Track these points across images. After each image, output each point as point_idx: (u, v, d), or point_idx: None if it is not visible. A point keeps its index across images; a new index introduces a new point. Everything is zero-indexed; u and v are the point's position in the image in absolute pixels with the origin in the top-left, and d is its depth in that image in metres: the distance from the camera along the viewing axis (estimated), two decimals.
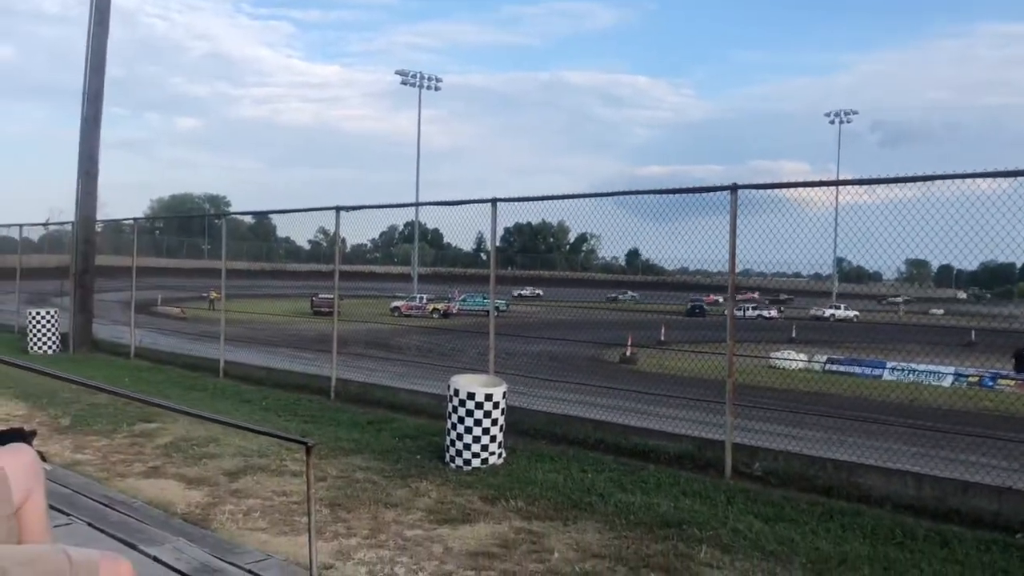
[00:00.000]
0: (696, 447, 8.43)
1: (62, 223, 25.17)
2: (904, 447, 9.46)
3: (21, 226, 23.66)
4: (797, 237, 8.52)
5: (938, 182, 7.02)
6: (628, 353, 22.52)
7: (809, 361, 23.32)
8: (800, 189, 8.36)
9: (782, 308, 35.95)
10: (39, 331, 17.19)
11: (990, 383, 21.34)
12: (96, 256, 18.71)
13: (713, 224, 8.97)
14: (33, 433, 6.48)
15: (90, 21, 17.53)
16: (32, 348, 17.03)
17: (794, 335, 31.53)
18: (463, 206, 11.19)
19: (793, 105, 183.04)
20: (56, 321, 17.47)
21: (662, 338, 25.39)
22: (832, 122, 78.84)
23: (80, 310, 17.68)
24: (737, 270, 8.48)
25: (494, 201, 10.18)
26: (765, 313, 33.98)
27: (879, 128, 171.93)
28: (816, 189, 8.26)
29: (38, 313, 17.50)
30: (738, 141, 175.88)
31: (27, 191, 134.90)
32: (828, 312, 36.77)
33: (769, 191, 8.54)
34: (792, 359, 21.81)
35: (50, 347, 17.20)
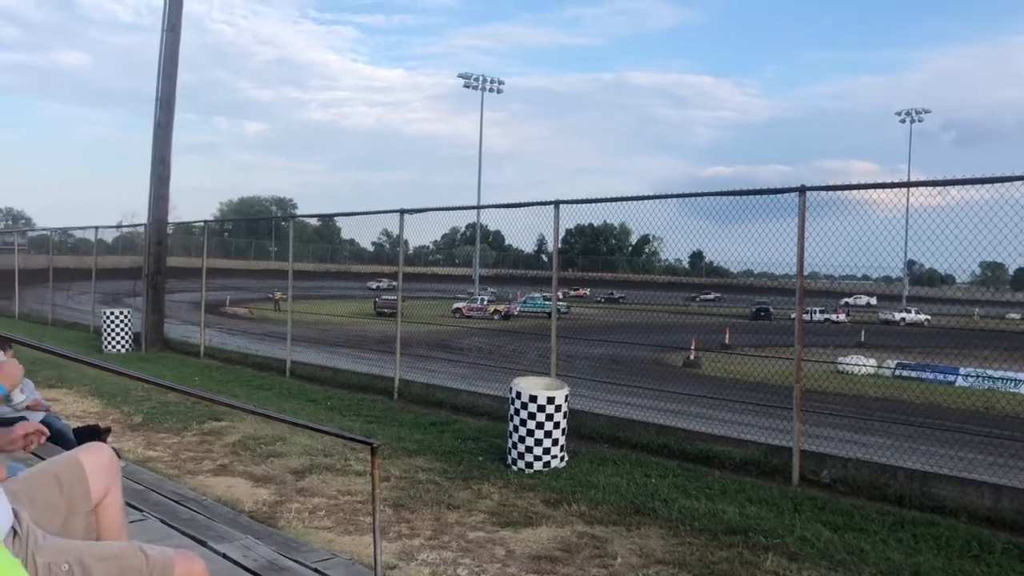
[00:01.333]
0: (762, 453, 8.29)
1: (135, 225, 25.94)
2: (980, 456, 9.17)
3: (96, 228, 24.42)
4: (866, 239, 8.35)
5: (1018, 183, 6.78)
6: (691, 357, 22.26)
7: (878, 366, 22.74)
8: (870, 190, 8.17)
9: (848, 311, 35.28)
10: (113, 330, 17.72)
11: None
12: (167, 257, 19.21)
13: (780, 226, 8.81)
14: (108, 430, 6.66)
15: (163, 28, 18.02)
16: (106, 347, 17.56)
17: (863, 339, 30.82)
18: (525, 208, 11.21)
19: (862, 104, 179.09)
20: (129, 321, 17.99)
21: (726, 341, 25.08)
22: (903, 121, 76.98)
23: (152, 310, 18.16)
24: (804, 272, 8.32)
25: (556, 203, 10.16)
26: (832, 316, 33.30)
27: (953, 127, 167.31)
28: (886, 190, 8.06)
29: (112, 313, 18.04)
30: (805, 141, 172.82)
31: (101, 194, 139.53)
32: (898, 316, 35.84)
33: (837, 192, 8.36)
34: (861, 364, 21.29)
35: (123, 346, 17.72)
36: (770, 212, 9.07)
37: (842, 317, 34.20)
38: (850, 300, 36.59)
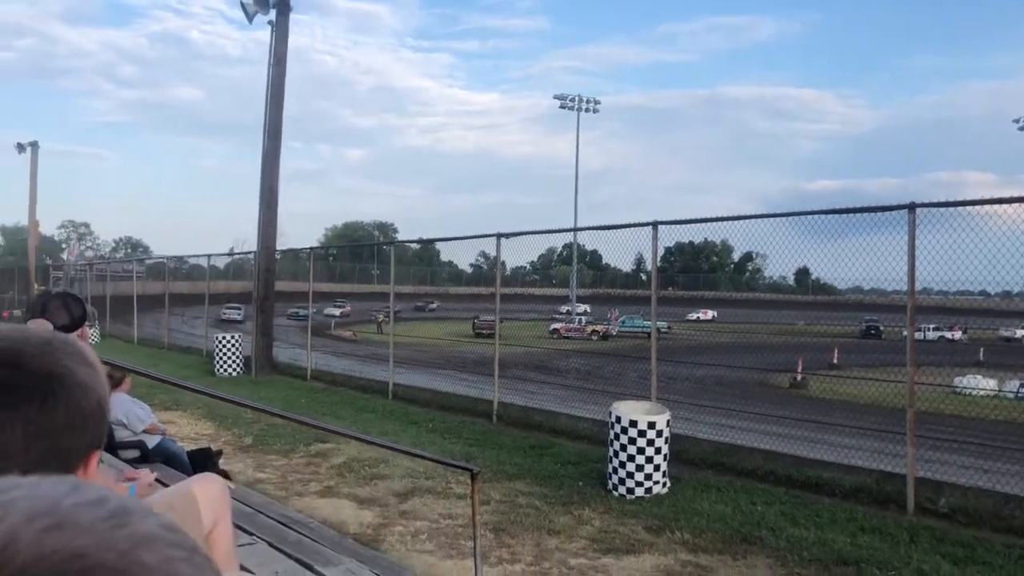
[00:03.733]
0: (874, 480, 7.96)
1: (245, 252, 26.95)
2: None
3: (209, 255, 25.50)
4: (983, 254, 7.95)
5: None
6: (798, 378, 21.60)
7: (999, 388, 21.55)
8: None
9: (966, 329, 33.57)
10: (225, 354, 18.39)
11: None
12: (276, 282, 19.84)
13: (889, 241, 8.52)
14: (220, 452, 6.86)
15: (269, 63, 18.73)
16: (219, 371, 18.23)
17: (981, 358, 29.33)
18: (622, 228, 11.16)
19: (976, 111, 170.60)
20: (240, 345, 18.64)
21: (834, 361, 24.28)
22: (1022, 128, 73.13)
23: (261, 334, 18.77)
24: (916, 289, 7.99)
25: (655, 224, 10.07)
26: (948, 334, 31.79)
27: None
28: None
29: (223, 337, 18.74)
30: (914, 152, 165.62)
31: (213, 221, 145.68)
32: (1021, 333, 33.95)
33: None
34: (979, 386, 20.22)
35: (234, 369, 18.36)
36: (879, 227, 8.78)
37: (958, 335, 32.60)
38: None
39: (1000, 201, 7.73)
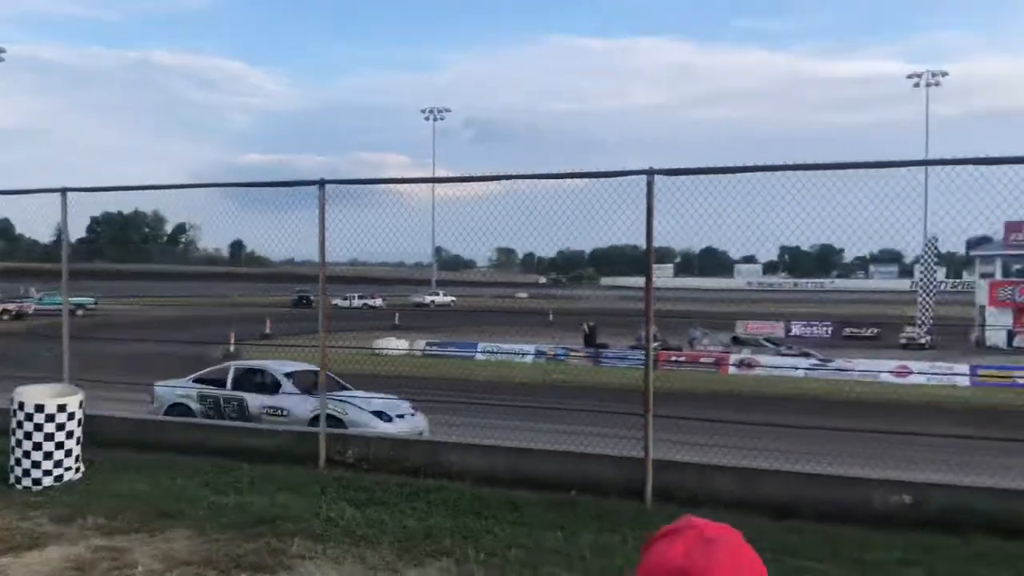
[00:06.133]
0: (294, 440, 8.48)
1: None
2: (491, 421, 10.34)
3: None
4: (393, 228, 8.94)
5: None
6: (231, 349, 21.89)
7: (411, 348, 24.59)
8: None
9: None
10: None
11: (563, 356, 24.45)
12: None
13: (311, 216, 9.07)
14: None
15: None
16: None
17: (397, 322, 32.79)
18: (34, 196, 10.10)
19: (393, 99, 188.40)
20: None
21: (267, 331, 25.09)
22: (427, 119, 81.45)
23: None
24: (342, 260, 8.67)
25: (64, 191, 9.23)
26: (371, 302, 34.88)
27: (471, 125, 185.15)
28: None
29: None
30: (343, 132, 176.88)
31: None
32: (429, 299, 38.94)
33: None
34: (394, 346, 22.80)
35: None
36: (304, 201, 9.27)
37: (379, 302, 36.07)
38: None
39: (403, 181, 8.76)
